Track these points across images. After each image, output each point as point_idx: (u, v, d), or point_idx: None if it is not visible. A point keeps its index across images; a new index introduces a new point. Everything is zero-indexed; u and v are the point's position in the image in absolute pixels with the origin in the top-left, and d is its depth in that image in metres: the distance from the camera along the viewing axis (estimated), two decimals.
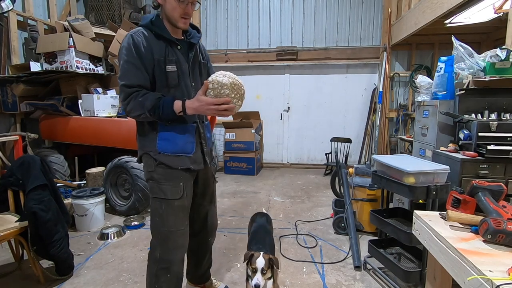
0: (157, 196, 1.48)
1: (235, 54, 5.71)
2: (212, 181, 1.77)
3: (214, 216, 1.84)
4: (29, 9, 4.02)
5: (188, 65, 1.50)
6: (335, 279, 2.12)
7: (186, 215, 1.55)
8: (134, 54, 1.36)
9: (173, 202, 1.47)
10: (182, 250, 1.55)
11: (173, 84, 1.45)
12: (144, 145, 1.51)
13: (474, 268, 0.83)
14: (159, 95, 1.38)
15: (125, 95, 1.37)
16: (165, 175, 1.47)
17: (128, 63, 1.36)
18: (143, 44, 1.37)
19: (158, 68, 1.41)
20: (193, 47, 1.54)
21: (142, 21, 1.46)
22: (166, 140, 1.45)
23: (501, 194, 1.12)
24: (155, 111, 1.35)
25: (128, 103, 1.37)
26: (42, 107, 3.73)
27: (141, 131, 1.51)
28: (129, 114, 1.41)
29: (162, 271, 1.50)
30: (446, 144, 2.28)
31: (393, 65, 5.27)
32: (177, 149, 1.46)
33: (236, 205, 3.69)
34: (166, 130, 1.45)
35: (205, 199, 1.74)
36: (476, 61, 2.17)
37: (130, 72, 1.36)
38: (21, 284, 2.06)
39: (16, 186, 2.07)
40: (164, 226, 1.48)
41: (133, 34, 1.40)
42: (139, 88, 1.37)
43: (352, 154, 5.50)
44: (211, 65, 1.72)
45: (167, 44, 1.43)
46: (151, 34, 1.42)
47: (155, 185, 1.48)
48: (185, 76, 1.49)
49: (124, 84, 1.37)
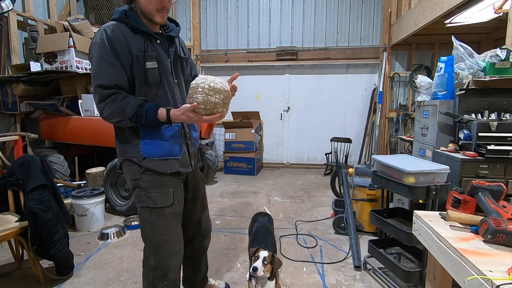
0: (145, 205, 1.37)
1: (235, 54, 5.71)
2: (202, 185, 1.70)
3: (208, 220, 1.76)
4: (29, 9, 4.02)
5: (169, 60, 1.39)
6: (335, 279, 2.12)
7: (178, 222, 1.47)
8: (108, 51, 1.22)
9: (164, 210, 1.37)
10: (177, 257, 1.47)
11: (154, 82, 1.32)
12: (125, 151, 1.37)
13: (474, 268, 0.83)
14: (141, 101, 1.25)
15: (100, 98, 1.23)
16: (153, 182, 1.36)
17: (102, 61, 1.23)
18: (118, 39, 1.24)
19: (137, 65, 1.27)
20: (173, 41, 1.43)
21: (114, 14, 1.31)
22: (150, 144, 1.33)
23: (501, 194, 1.12)
24: (137, 119, 1.24)
25: (104, 107, 1.24)
26: (42, 107, 3.73)
27: (121, 136, 1.38)
28: (107, 120, 1.27)
29: (159, 279, 1.42)
30: (446, 144, 2.28)
31: (393, 65, 5.27)
32: (164, 152, 1.35)
33: (236, 205, 3.69)
34: (149, 133, 1.33)
35: (196, 204, 1.66)
36: (476, 61, 2.17)
37: (106, 71, 1.23)
38: (21, 284, 2.06)
39: (16, 186, 2.07)
40: (156, 235, 1.39)
41: (106, 28, 1.26)
42: (117, 89, 1.24)
43: (352, 154, 5.50)
44: (192, 62, 1.63)
45: (145, 38, 1.30)
46: (126, 28, 1.28)
47: (143, 193, 1.37)
48: (167, 73, 1.37)
49: (99, 84, 1.23)
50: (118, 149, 1.41)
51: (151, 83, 1.31)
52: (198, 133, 1.60)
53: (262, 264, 1.55)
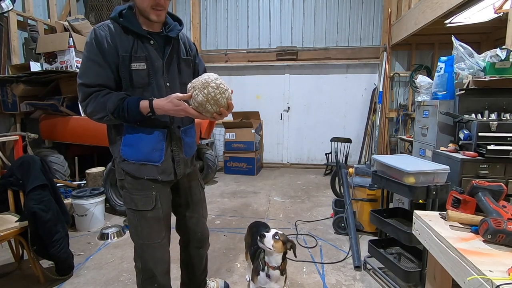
0: (129, 206, 1.36)
1: (235, 54, 5.71)
2: (198, 190, 1.62)
3: (204, 227, 1.67)
4: (29, 9, 4.01)
5: (162, 62, 1.32)
6: (335, 279, 2.12)
7: (163, 226, 1.40)
8: (95, 51, 1.21)
9: (146, 213, 1.34)
10: (162, 263, 1.43)
11: (141, 84, 1.28)
12: (113, 150, 1.37)
13: (474, 268, 0.83)
14: (123, 95, 1.23)
15: (83, 96, 1.23)
16: (135, 185, 1.33)
17: (89, 60, 1.22)
18: (106, 40, 1.22)
19: (122, 66, 1.25)
20: (171, 41, 1.36)
21: (112, 13, 1.28)
22: (129, 146, 1.30)
23: (501, 194, 1.12)
24: (119, 113, 1.21)
25: (87, 104, 1.23)
26: (42, 107, 3.73)
27: (109, 134, 1.37)
28: (91, 117, 1.26)
29: (147, 281, 1.41)
30: (446, 144, 2.28)
31: (393, 65, 5.27)
32: (141, 157, 1.31)
33: (236, 205, 3.69)
34: (130, 134, 1.30)
35: (190, 210, 1.59)
36: (476, 61, 2.17)
37: (90, 70, 1.22)
38: (21, 284, 2.06)
39: (16, 186, 2.07)
40: (139, 238, 1.37)
41: (97, 28, 1.25)
42: (100, 88, 1.23)
43: (352, 154, 5.50)
44: (200, 61, 1.56)
45: (136, 38, 1.26)
46: (118, 28, 1.25)
47: (127, 194, 1.35)
48: (158, 75, 1.31)
49: (83, 83, 1.22)
50: (109, 148, 1.41)
51: (136, 85, 1.28)
52: (194, 139, 1.51)
53: (272, 237, 1.48)
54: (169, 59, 1.35)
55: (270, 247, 1.47)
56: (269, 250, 1.49)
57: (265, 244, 1.48)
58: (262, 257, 1.56)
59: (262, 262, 1.55)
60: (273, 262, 1.51)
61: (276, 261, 1.51)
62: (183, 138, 1.42)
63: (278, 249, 1.48)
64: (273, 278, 1.51)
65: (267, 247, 1.48)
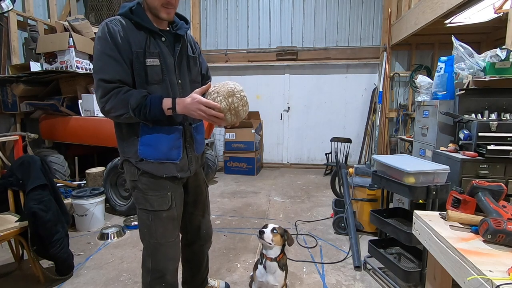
0: (143, 207, 1.36)
1: (235, 54, 5.71)
2: (204, 188, 1.66)
3: (209, 225, 1.71)
4: (29, 9, 4.02)
5: (174, 59, 1.33)
6: (335, 279, 2.12)
7: (176, 226, 1.43)
8: (111, 45, 1.19)
9: (161, 213, 1.35)
10: (173, 262, 1.45)
11: (155, 80, 1.27)
12: (124, 151, 1.35)
13: (474, 268, 0.83)
14: (145, 93, 1.23)
15: (103, 92, 1.19)
16: (151, 185, 1.33)
17: (104, 55, 1.19)
18: (120, 34, 1.20)
19: (137, 62, 1.23)
20: (180, 39, 1.37)
21: (121, 9, 1.27)
22: (148, 145, 1.30)
23: (501, 194, 1.12)
24: (140, 110, 1.20)
25: (107, 101, 1.20)
26: (42, 107, 3.73)
27: (120, 134, 1.35)
28: (108, 114, 1.23)
29: (156, 281, 1.41)
30: (446, 144, 2.28)
31: (393, 65, 5.27)
32: (161, 156, 1.31)
33: (236, 205, 3.69)
34: (148, 134, 1.29)
35: (197, 208, 1.62)
36: (476, 61, 2.17)
37: (108, 65, 1.19)
38: (21, 284, 2.06)
39: (16, 186, 2.07)
40: (153, 238, 1.37)
41: (108, 22, 1.22)
42: (120, 83, 1.21)
43: (352, 154, 5.50)
44: (203, 60, 1.58)
45: (148, 35, 1.26)
46: (130, 24, 1.24)
47: (140, 195, 1.35)
48: (170, 72, 1.32)
49: (102, 78, 1.19)
50: (119, 148, 1.39)
51: (151, 81, 1.27)
52: (203, 135, 1.53)
53: (271, 232, 1.57)
54: (179, 56, 1.36)
55: (270, 242, 1.57)
56: (269, 245, 1.58)
57: (265, 239, 1.57)
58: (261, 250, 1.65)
59: (261, 255, 1.64)
60: (271, 254, 1.60)
61: (274, 253, 1.60)
62: (194, 135, 1.44)
63: (277, 242, 1.58)
64: (270, 269, 1.59)
65: (267, 243, 1.57)
